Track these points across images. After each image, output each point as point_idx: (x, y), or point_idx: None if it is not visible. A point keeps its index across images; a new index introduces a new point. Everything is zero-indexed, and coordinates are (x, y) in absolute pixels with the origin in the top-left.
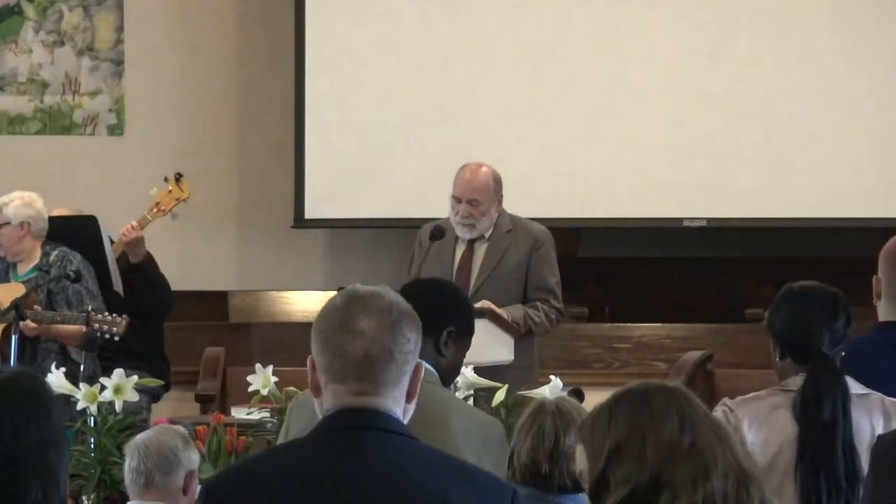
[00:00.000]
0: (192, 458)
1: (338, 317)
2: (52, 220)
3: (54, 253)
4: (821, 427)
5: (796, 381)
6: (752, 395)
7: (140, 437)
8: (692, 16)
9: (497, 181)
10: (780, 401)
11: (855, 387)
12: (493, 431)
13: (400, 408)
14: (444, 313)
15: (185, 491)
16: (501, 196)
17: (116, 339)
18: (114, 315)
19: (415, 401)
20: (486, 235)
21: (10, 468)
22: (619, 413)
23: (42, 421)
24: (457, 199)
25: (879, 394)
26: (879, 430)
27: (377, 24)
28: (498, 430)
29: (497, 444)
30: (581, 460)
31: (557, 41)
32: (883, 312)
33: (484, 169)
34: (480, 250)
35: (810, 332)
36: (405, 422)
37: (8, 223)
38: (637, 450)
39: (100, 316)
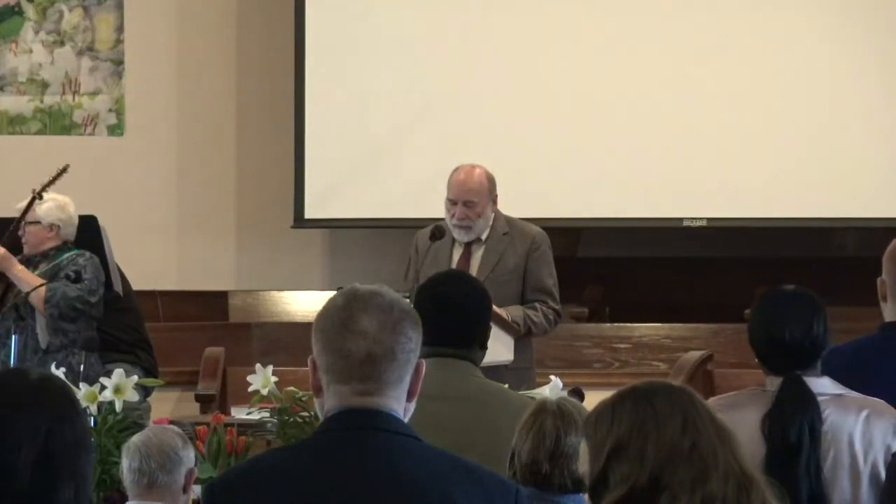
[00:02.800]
0: (191, 456)
1: (339, 316)
2: None
3: (66, 255)
4: (786, 449)
5: (773, 382)
6: (731, 393)
7: (138, 437)
8: (692, 15)
9: (491, 181)
10: (753, 398)
11: (831, 387)
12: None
13: (401, 407)
14: (486, 313)
15: (184, 489)
16: (496, 196)
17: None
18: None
19: (415, 400)
20: (483, 238)
21: (45, 468)
22: (623, 411)
23: (74, 421)
24: (452, 202)
25: (855, 393)
26: (857, 429)
27: (377, 24)
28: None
29: None
30: (583, 459)
31: (558, 41)
32: (889, 314)
33: (478, 170)
34: (478, 253)
35: (780, 341)
36: (406, 420)
37: (38, 222)
38: (638, 449)
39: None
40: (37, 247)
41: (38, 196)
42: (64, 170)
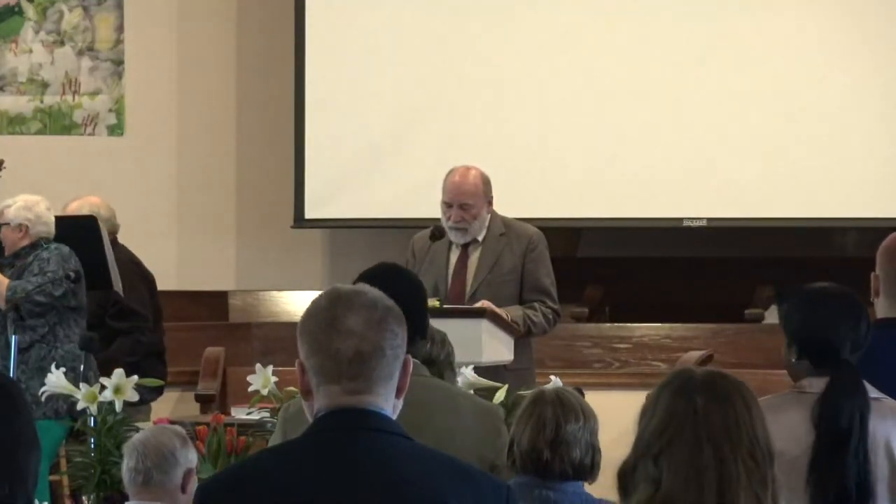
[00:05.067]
0: (191, 457)
1: (325, 317)
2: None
3: (34, 252)
4: (836, 435)
5: (813, 384)
6: (769, 397)
7: (138, 436)
8: (692, 15)
9: (486, 182)
10: (794, 400)
11: (869, 390)
12: (497, 412)
13: (390, 405)
14: (422, 303)
15: (183, 489)
16: (491, 197)
17: None
18: None
19: (404, 395)
20: (480, 239)
21: None
22: (660, 406)
23: (12, 419)
24: (448, 204)
25: (891, 399)
26: (894, 435)
27: (377, 24)
28: (499, 410)
29: (500, 422)
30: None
31: (557, 41)
32: (881, 310)
33: (472, 172)
34: (475, 255)
35: (833, 338)
36: (394, 417)
37: (7, 224)
38: (657, 461)
39: None
40: (12, 248)
41: None
42: None
